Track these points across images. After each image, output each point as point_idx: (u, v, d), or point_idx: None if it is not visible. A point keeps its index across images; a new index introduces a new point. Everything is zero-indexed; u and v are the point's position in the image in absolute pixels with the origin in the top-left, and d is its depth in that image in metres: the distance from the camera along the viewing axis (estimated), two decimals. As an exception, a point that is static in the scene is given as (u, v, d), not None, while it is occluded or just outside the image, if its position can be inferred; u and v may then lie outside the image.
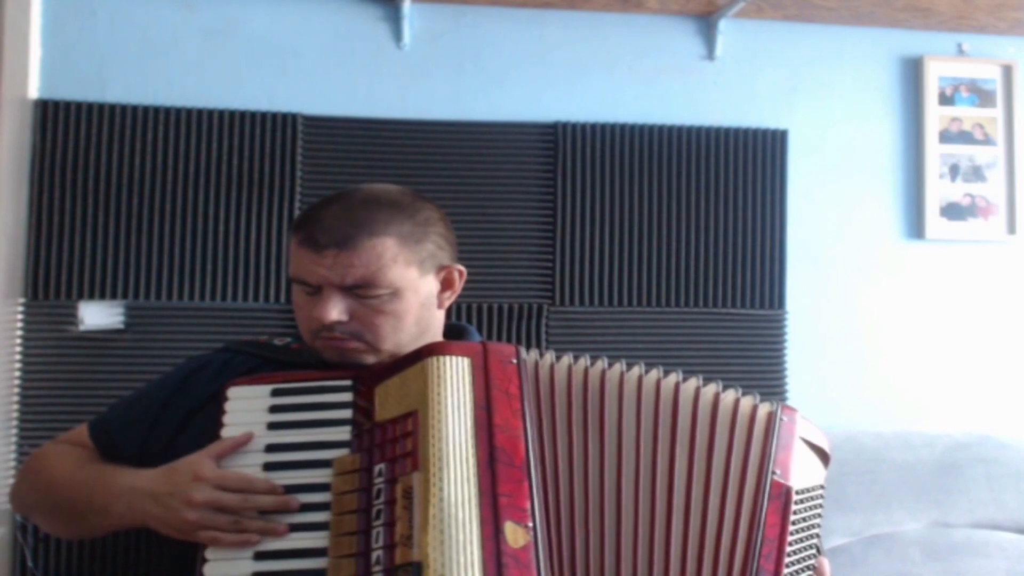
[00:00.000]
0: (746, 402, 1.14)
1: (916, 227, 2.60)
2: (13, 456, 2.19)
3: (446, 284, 1.33)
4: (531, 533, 0.98)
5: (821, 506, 1.15)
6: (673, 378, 1.13)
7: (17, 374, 2.22)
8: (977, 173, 2.62)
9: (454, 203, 2.38)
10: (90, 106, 2.29)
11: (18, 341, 2.22)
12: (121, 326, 2.27)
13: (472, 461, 1.01)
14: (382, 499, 1.01)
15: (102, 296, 2.26)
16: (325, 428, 1.10)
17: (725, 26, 2.52)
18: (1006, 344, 2.62)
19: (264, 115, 2.34)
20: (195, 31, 2.36)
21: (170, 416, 1.26)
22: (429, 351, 1.09)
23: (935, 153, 2.60)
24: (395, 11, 2.41)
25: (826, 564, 1.14)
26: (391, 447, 1.04)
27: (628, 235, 2.44)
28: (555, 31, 2.49)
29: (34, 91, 2.28)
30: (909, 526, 2.26)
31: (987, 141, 2.63)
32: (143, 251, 2.28)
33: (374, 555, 0.98)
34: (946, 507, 2.29)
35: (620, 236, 2.44)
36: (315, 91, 2.38)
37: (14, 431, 2.20)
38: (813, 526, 1.12)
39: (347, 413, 1.11)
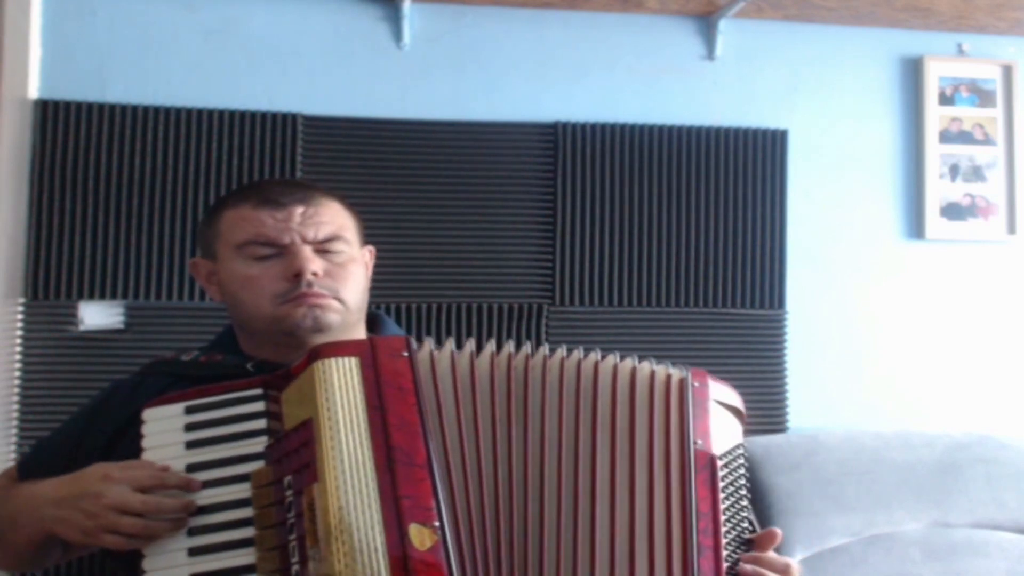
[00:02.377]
0: (660, 372, 1.10)
1: (916, 227, 2.60)
2: (13, 456, 2.19)
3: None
4: (438, 532, 0.95)
5: (744, 466, 1.12)
6: (592, 358, 1.09)
7: (17, 374, 2.22)
8: (977, 173, 2.62)
9: (454, 203, 2.38)
10: (90, 106, 2.29)
11: (18, 341, 2.22)
12: (121, 326, 2.27)
13: (369, 465, 0.98)
14: (293, 512, 0.99)
15: (102, 296, 2.26)
16: (242, 441, 1.07)
17: (725, 26, 2.52)
18: (1006, 344, 2.62)
19: (264, 115, 2.34)
20: (195, 31, 2.36)
21: (90, 444, 1.23)
22: (315, 354, 1.05)
23: (935, 153, 2.60)
24: (395, 11, 2.41)
25: (778, 536, 1.10)
26: (296, 457, 1.01)
27: (628, 235, 2.44)
28: (555, 31, 2.49)
29: (34, 91, 2.28)
30: (909, 526, 2.26)
31: (987, 141, 2.63)
32: (143, 251, 2.28)
33: (293, 569, 0.97)
34: (946, 507, 2.29)
35: (620, 236, 2.44)
36: (315, 91, 2.38)
37: (14, 431, 2.20)
38: (740, 488, 1.10)
39: (262, 423, 1.07)
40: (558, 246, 2.42)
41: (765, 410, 2.47)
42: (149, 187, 2.29)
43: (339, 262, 1.24)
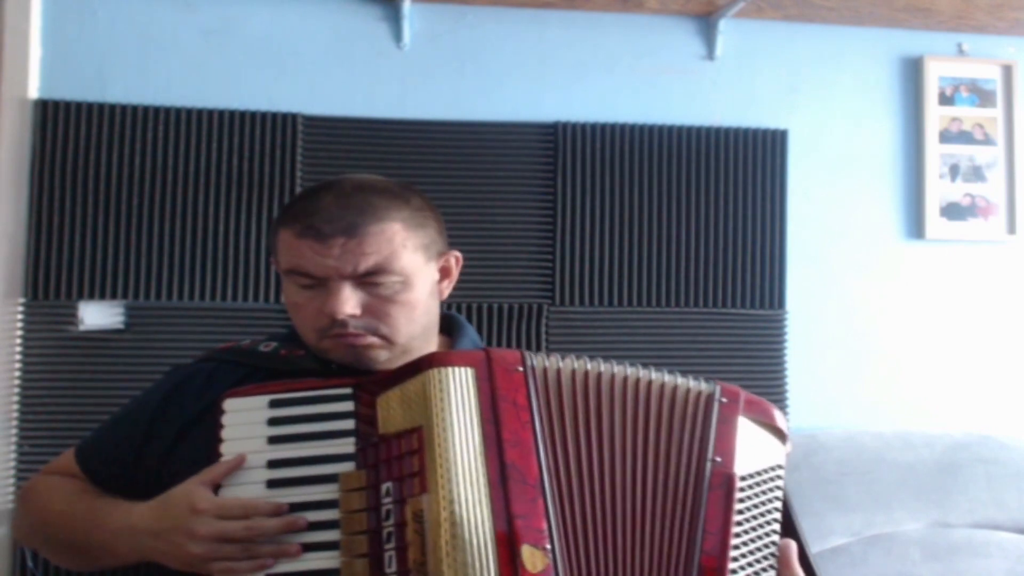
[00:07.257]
0: (683, 387, 1.09)
1: (916, 227, 2.60)
2: (13, 456, 2.19)
3: (444, 272, 1.29)
4: (550, 556, 0.94)
5: (779, 487, 1.09)
6: (646, 375, 1.09)
7: (17, 374, 2.22)
8: (977, 173, 2.62)
9: (454, 203, 2.38)
10: (90, 106, 2.29)
11: (18, 341, 2.22)
12: (121, 326, 2.27)
13: (483, 480, 0.96)
14: (392, 521, 0.97)
15: (102, 296, 2.26)
16: (328, 440, 1.04)
17: (725, 26, 2.52)
18: (1006, 344, 2.62)
19: (264, 115, 2.34)
20: (195, 31, 2.36)
21: (162, 431, 1.20)
22: (429, 362, 1.03)
23: (935, 153, 2.60)
24: (395, 11, 2.41)
25: (792, 546, 1.07)
26: (398, 465, 0.99)
27: (628, 235, 2.44)
28: (555, 31, 2.49)
29: (34, 91, 2.28)
30: (909, 526, 2.26)
31: (987, 141, 2.63)
32: (143, 251, 2.28)
33: None
34: (946, 507, 2.29)
35: (620, 236, 2.44)
36: (315, 91, 2.38)
37: (14, 431, 2.21)
38: (770, 511, 1.07)
39: (349, 424, 1.04)
40: (558, 246, 2.42)
41: (765, 410, 2.47)
42: (149, 187, 2.29)
43: (385, 295, 1.16)
